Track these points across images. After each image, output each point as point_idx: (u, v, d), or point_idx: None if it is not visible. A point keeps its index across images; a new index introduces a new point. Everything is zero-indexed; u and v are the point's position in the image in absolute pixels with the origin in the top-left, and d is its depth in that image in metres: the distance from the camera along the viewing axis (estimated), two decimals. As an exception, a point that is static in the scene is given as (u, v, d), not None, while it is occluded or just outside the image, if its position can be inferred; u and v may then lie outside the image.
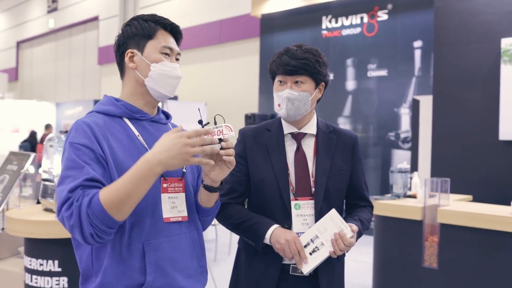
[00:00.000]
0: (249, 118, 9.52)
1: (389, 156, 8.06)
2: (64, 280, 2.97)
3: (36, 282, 3.00)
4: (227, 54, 11.85)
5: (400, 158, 7.80)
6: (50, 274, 2.98)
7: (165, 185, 1.55)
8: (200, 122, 1.54)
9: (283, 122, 2.02)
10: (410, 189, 4.44)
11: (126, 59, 1.60)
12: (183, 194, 1.61)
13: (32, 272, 3.02)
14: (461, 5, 5.36)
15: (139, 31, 1.59)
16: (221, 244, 6.64)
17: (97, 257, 1.48)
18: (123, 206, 1.36)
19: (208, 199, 1.64)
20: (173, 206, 1.57)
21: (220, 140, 1.48)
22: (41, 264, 2.99)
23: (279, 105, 1.93)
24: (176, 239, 1.55)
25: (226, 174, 1.56)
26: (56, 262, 2.97)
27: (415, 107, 6.92)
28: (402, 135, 7.93)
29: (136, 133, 1.56)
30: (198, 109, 1.65)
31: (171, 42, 1.63)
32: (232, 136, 1.50)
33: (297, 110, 1.92)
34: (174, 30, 1.66)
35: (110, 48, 15.37)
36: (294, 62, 1.89)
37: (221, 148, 1.49)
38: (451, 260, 3.66)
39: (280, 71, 1.92)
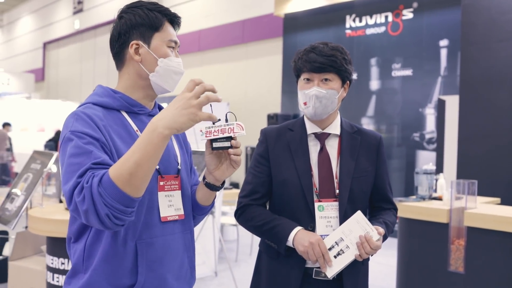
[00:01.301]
0: (272, 118, 9.48)
1: (414, 157, 7.93)
2: (85, 279, 2.98)
3: (58, 281, 3.02)
4: (250, 54, 11.83)
5: (425, 159, 7.66)
6: (72, 273, 2.99)
7: (161, 183, 1.50)
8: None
9: (306, 121, 1.97)
10: (435, 191, 4.34)
11: (131, 50, 1.50)
12: (179, 192, 1.56)
13: (54, 270, 3.04)
14: (490, 2, 5.23)
15: (145, 21, 1.50)
16: (243, 245, 6.61)
17: (88, 254, 1.42)
18: (133, 178, 1.23)
19: (207, 197, 1.60)
20: (170, 204, 1.52)
21: (231, 138, 1.44)
22: (62, 263, 3.00)
23: (305, 104, 1.88)
24: (169, 239, 1.50)
25: (230, 173, 1.51)
26: (78, 261, 2.98)
27: (440, 107, 6.78)
28: (427, 136, 7.79)
29: (135, 127, 1.50)
30: (210, 105, 1.57)
31: (175, 34, 1.56)
32: (243, 135, 1.45)
33: (324, 109, 1.87)
34: (175, 22, 1.58)
35: (134, 48, 15.53)
36: (322, 59, 1.85)
37: (231, 147, 1.45)
38: (477, 264, 3.56)
39: (307, 68, 1.87)
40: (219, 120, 1.46)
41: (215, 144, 1.45)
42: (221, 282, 5.25)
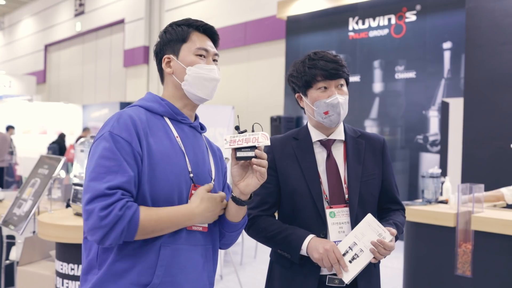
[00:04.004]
0: (275, 120, 9.49)
1: (417, 159, 7.93)
2: (94, 285, 2.99)
3: (67, 286, 3.02)
4: (252, 56, 11.84)
5: (429, 162, 7.67)
6: (81, 278, 3.00)
7: (193, 192, 1.52)
8: (237, 128, 1.51)
9: (310, 129, 1.97)
10: (441, 194, 4.34)
11: (163, 64, 1.61)
12: None
13: (63, 276, 3.04)
14: (494, 5, 5.23)
15: (173, 36, 1.60)
16: (247, 248, 6.61)
17: (103, 250, 1.45)
18: (150, 235, 1.42)
19: (235, 213, 1.59)
20: None
21: (255, 147, 1.45)
22: (72, 269, 3.01)
23: (326, 113, 1.86)
24: (192, 249, 1.53)
25: (256, 186, 1.52)
26: (87, 266, 2.99)
27: (444, 110, 6.79)
28: (431, 138, 7.79)
29: (175, 134, 1.55)
30: (237, 116, 1.64)
31: (206, 43, 1.62)
32: (267, 145, 1.46)
33: (344, 115, 1.89)
34: (209, 31, 1.64)
35: (135, 50, 15.52)
36: (334, 65, 1.85)
37: (255, 156, 1.46)
38: (485, 268, 3.57)
39: (321, 77, 1.85)
40: (245, 130, 1.47)
41: (239, 154, 1.46)
42: (226, 286, 5.25)
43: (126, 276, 1.42)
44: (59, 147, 11.71)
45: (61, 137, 12.23)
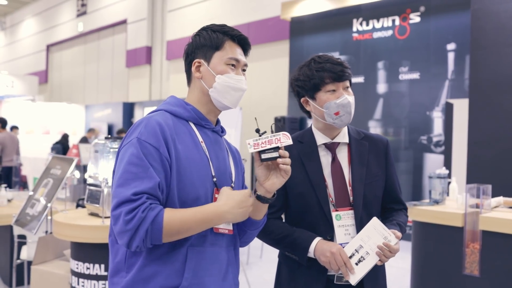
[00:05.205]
0: (279, 121, 9.53)
1: (421, 160, 7.97)
2: (110, 284, 3.03)
3: (83, 285, 3.06)
4: (255, 57, 11.87)
5: (432, 162, 7.71)
6: (97, 277, 3.04)
7: (217, 195, 1.55)
8: (258, 131, 1.55)
9: (315, 132, 2.01)
10: (448, 194, 4.39)
11: (193, 68, 1.62)
12: None
13: (79, 275, 3.08)
14: (499, 7, 5.27)
15: (207, 42, 1.61)
16: (253, 248, 6.65)
17: (131, 254, 1.48)
18: (177, 236, 1.43)
19: (259, 211, 1.64)
20: None
21: (278, 148, 1.49)
22: (87, 268, 3.05)
23: (337, 114, 1.89)
24: (217, 251, 1.56)
25: (281, 183, 1.56)
26: (103, 266, 3.03)
27: (448, 111, 6.83)
28: (435, 139, 7.83)
29: (200, 139, 1.58)
30: (255, 118, 1.67)
31: (238, 53, 1.64)
32: (289, 144, 1.51)
33: (352, 116, 1.93)
34: (242, 42, 1.66)
35: (138, 51, 15.55)
36: (341, 67, 1.90)
37: (279, 156, 1.50)
38: (493, 267, 3.61)
39: (330, 79, 1.89)
40: (265, 132, 1.51)
41: (263, 156, 1.50)
42: (234, 285, 5.28)
43: (155, 280, 1.45)
44: (62, 147, 11.73)
45: (65, 137, 12.26)
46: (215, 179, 1.56)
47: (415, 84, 8.11)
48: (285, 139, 1.50)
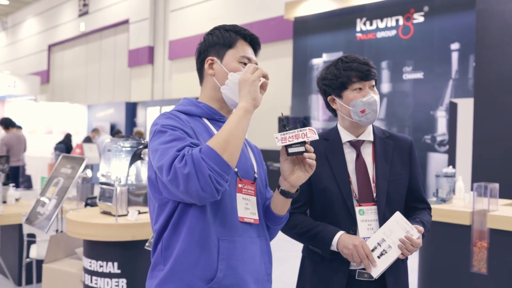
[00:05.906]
0: (282, 120, 9.54)
1: (425, 159, 8.00)
2: (123, 282, 3.06)
3: (96, 283, 3.09)
4: (259, 56, 11.90)
5: (436, 161, 7.74)
6: (110, 275, 3.07)
7: (240, 185, 1.58)
8: (285, 126, 1.58)
9: (340, 130, 2.05)
10: (454, 193, 4.42)
11: (206, 65, 1.67)
12: (255, 198, 1.64)
13: (91, 273, 3.11)
14: (504, 7, 5.31)
15: (220, 40, 1.66)
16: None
17: (167, 245, 1.51)
18: (228, 144, 1.40)
19: (282, 206, 1.67)
20: (246, 207, 1.60)
21: (304, 143, 1.52)
22: (101, 266, 3.08)
23: (363, 112, 1.93)
24: (248, 241, 1.58)
25: (306, 178, 1.58)
26: (116, 264, 3.06)
27: (452, 110, 6.86)
28: (439, 138, 7.87)
29: (215, 132, 1.60)
30: (282, 113, 1.69)
31: (250, 52, 1.69)
32: (316, 139, 1.54)
33: (377, 114, 1.97)
34: (253, 41, 1.72)
35: (140, 50, 15.59)
36: (368, 67, 1.95)
37: (305, 151, 1.53)
38: (500, 265, 3.64)
39: (356, 78, 1.94)
40: (291, 127, 1.54)
41: (290, 150, 1.53)
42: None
43: (191, 272, 1.48)
44: (65, 147, 11.76)
45: (68, 137, 12.28)
46: (236, 169, 1.58)
47: (419, 83, 8.14)
48: (312, 134, 1.53)
